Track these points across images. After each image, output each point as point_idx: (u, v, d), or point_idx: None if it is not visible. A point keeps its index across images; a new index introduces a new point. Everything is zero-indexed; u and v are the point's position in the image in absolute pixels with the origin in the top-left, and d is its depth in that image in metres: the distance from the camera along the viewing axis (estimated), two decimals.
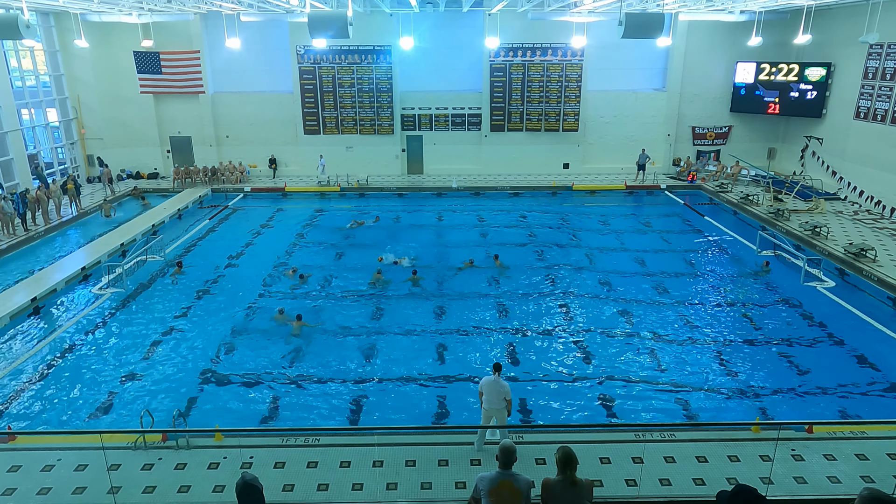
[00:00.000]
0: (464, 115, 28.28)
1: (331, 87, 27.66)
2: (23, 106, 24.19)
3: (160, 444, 8.70)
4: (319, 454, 8.46)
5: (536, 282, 16.38)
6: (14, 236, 19.44)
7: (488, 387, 8.45)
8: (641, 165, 26.82)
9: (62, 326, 13.90)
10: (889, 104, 21.19)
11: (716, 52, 27.16)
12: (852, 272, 16.47)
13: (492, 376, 8.53)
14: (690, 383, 11.26)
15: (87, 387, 11.25)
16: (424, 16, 26.36)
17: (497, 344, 12.90)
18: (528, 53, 27.29)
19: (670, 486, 7.83)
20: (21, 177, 22.89)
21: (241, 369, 11.85)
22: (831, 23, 23.95)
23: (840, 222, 20.50)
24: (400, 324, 13.82)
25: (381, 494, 7.72)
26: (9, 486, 7.90)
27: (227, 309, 14.68)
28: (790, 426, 9.01)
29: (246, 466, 8.19)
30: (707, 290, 15.88)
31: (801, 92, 25.50)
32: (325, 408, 10.60)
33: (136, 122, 27.80)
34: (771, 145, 28.56)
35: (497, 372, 8.56)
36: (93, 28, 25.19)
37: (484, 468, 8.06)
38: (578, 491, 5.11)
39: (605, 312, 14.37)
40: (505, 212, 23.59)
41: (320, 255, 18.76)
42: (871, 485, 7.17)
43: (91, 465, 8.20)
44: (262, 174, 28.44)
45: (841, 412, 10.34)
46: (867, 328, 13.47)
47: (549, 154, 28.47)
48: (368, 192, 26.34)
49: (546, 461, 8.15)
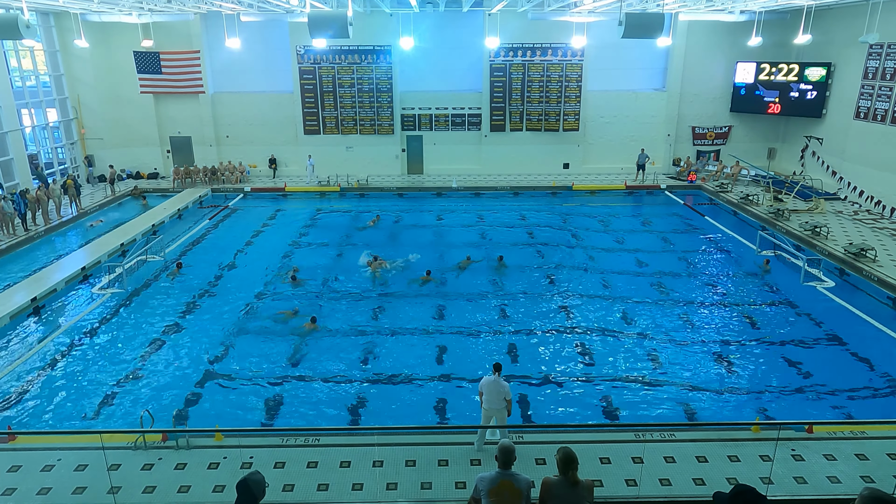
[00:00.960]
0: (464, 115, 28.29)
1: (331, 87, 27.66)
2: (23, 106, 24.18)
3: (160, 444, 8.70)
4: (319, 454, 8.46)
5: (536, 282, 16.38)
6: (14, 236, 19.45)
7: (488, 387, 8.44)
8: (641, 165, 26.83)
9: (62, 326, 13.90)
10: (889, 104, 21.18)
11: (716, 52, 27.16)
12: (852, 272, 16.47)
13: (492, 376, 8.52)
14: (690, 383, 11.26)
15: (88, 387, 11.25)
16: (424, 16, 26.36)
17: (497, 344, 12.88)
18: (528, 53, 27.30)
19: (670, 486, 7.83)
20: (21, 177, 22.89)
21: (241, 369, 11.84)
22: (831, 23, 23.95)
23: (840, 222, 20.50)
24: (400, 323, 13.81)
25: (381, 494, 7.72)
26: (9, 486, 7.90)
27: (227, 309, 14.68)
28: (790, 426, 9.01)
29: (246, 466, 8.19)
30: (707, 290, 15.88)
31: (801, 92, 25.50)
32: (326, 408, 10.59)
33: (136, 122, 27.80)
34: (771, 145, 28.56)
35: (497, 372, 8.56)
36: (93, 28, 25.19)
37: (484, 468, 8.06)
38: (579, 491, 5.11)
39: (605, 312, 14.37)
40: (505, 212, 23.59)
41: (320, 255, 18.75)
42: (871, 485, 7.19)
43: (91, 465, 8.20)
44: (262, 174, 28.44)
45: (841, 412, 10.33)
46: (867, 328, 13.47)
47: (549, 154, 28.47)
48: (368, 192, 26.34)
49: (546, 461, 8.15)
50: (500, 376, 8.52)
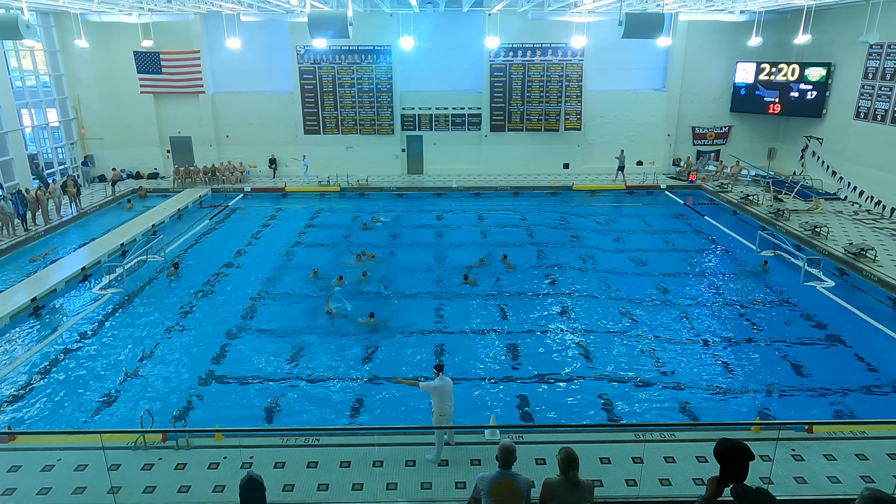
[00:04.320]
0: (464, 115, 28.28)
1: (331, 87, 27.65)
2: (23, 106, 24.18)
3: (160, 444, 8.70)
4: (319, 454, 8.46)
5: (536, 282, 16.37)
6: (14, 236, 19.44)
7: (439, 390, 8.25)
8: (621, 167, 26.81)
9: (62, 327, 13.89)
10: (889, 104, 21.18)
11: (716, 52, 27.16)
12: (852, 272, 16.47)
13: (437, 379, 8.32)
14: (690, 383, 11.26)
15: (88, 387, 11.25)
16: (424, 16, 26.36)
17: (497, 344, 12.88)
18: (528, 53, 27.29)
19: (670, 486, 7.83)
20: (21, 177, 22.89)
21: (241, 369, 11.85)
22: (831, 23, 23.95)
23: (840, 222, 20.50)
24: (400, 323, 13.81)
25: (381, 494, 7.72)
26: (9, 486, 7.90)
27: (227, 308, 14.69)
28: (790, 426, 9.01)
29: (246, 466, 8.19)
30: (707, 290, 15.87)
31: (801, 92, 25.50)
32: (326, 408, 10.59)
33: (136, 122, 27.79)
34: (771, 145, 28.56)
35: (440, 371, 8.42)
36: (93, 28, 25.18)
37: (484, 468, 8.06)
38: (580, 491, 5.11)
39: (605, 312, 14.37)
40: (505, 212, 23.59)
41: (320, 255, 18.75)
42: (871, 485, 7.19)
43: (91, 465, 8.20)
44: (262, 174, 28.43)
45: (841, 412, 10.34)
46: (867, 328, 13.47)
47: (549, 154, 28.47)
48: (368, 191, 26.33)
49: (546, 461, 8.15)
50: (443, 375, 8.40)
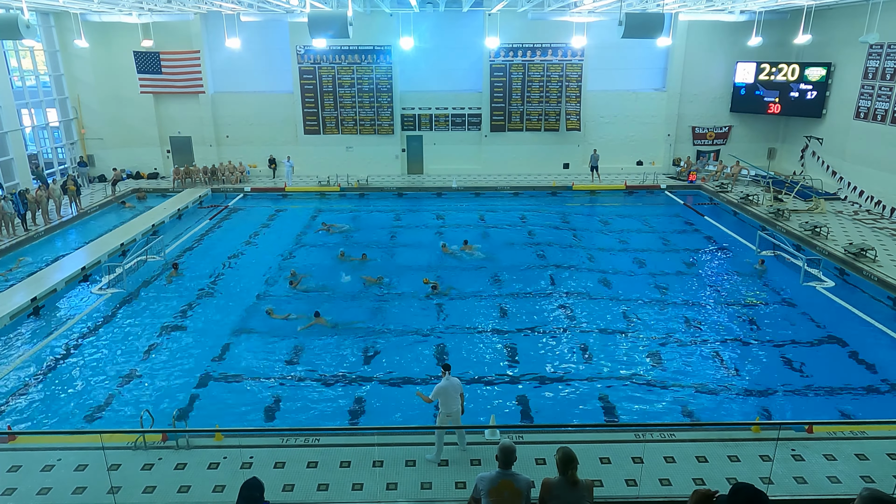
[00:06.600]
0: (464, 115, 28.28)
1: (331, 87, 27.66)
2: (23, 106, 24.19)
3: (160, 444, 8.70)
4: (319, 454, 8.46)
5: (536, 282, 16.37)
6: (14, 236, 19.44)
7: (446, 391, 8.25)
8: (594, 166, 26.66)
9: (62, 326, 13.89)
10: (889, 104, 21.18)
11: (716, 52, 27.16)
12: (852, 272, 16.46)
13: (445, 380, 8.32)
14: (690, 383, 11.26)
15: (88, 387, 11.25)
16: (424, 16, 26.36)
17: (497, 343, 12.88)
18: (528, 53, 27.29)
19: (670, 486, 7.83)
20: (21, 177, 22.89)
21: (240, 369, 11.84)
22: (831, 23, 23.95)
23: (840, 222, 20.50)
24: (400, 323, 13.81)
25: (381, 494, 7.72)
26: (9, 486, 7.90)
27: (227, 308, 14.69)
28: (790, 426, 9.01)
29: (246, 466, 8.20)
30: (707, 290, 15.87)
31: (801, 92, 25.50)
32: (326, 408, 10.59)
33: (136, 122, 27.79)
34: (771, 145, 28.56)
35: (447, 371, 8.42)
36: (93, 28, 25.18)
37: (484, 468, 8.07)
38: (579, 491, 5.11)
39: (605, 312, 14.36)
40: (505, 211, 23.59)
41: (320, 254, 18.75)
42: (871, 485, 7.20)
43: (91, 465, 8.20)
44: (262, 174, 28.43)
45: (841, 412, 10.33)
46: (867, 328, 13.46)
47: (549, 154, 28.47)
48: (368, 192, 26.34)
49: (546, 461, 8.15)
50: (450, 375, 8.41)
